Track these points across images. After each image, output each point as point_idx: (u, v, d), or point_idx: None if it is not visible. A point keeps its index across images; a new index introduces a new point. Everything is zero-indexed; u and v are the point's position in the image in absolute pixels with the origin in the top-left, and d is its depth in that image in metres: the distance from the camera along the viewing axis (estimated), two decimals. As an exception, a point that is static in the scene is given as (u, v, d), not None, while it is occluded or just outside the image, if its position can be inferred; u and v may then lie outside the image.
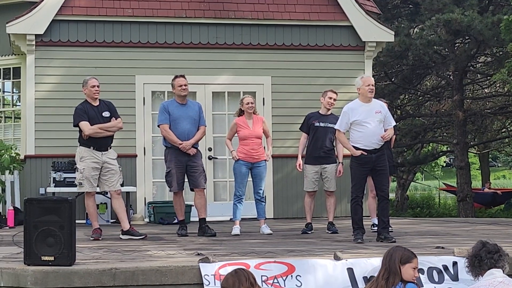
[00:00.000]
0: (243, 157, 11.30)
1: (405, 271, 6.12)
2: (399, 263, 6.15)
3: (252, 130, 11.34)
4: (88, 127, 10.33)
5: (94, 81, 10.56)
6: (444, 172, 60.07)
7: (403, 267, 6.11)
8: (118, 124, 10.62)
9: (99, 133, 10.38)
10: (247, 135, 11.31)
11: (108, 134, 10.48)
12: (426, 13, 22.79)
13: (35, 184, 14.14)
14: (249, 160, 11.31)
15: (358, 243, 9.45)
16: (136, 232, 10.45)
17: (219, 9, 14.88)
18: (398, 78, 26.00)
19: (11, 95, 16.85)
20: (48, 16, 14.20)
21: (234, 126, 11.46)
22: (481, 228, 12.66)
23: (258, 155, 11.37)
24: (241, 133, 11.37)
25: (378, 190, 9.95)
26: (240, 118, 11.43)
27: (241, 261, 7.20)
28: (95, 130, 10.35)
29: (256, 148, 11.34)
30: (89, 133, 10.31)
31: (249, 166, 11.34)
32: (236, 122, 11.42)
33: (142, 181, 14.57)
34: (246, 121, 11.38)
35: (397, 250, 6.29)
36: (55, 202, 7.23)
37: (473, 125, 28.10)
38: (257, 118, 11.51)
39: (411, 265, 6.17)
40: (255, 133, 11.35)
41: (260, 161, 11.39)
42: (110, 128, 10.51)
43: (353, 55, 15.38)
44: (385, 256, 6.28)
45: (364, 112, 9.69)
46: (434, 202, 33.08)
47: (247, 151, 11.30)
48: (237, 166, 11.38)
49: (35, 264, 6.96)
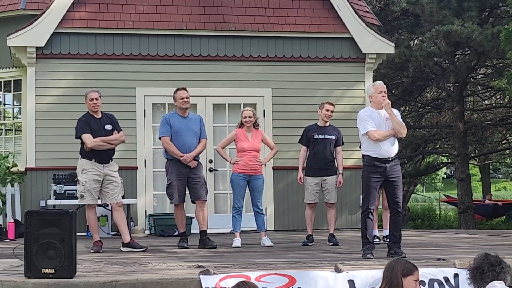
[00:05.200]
0: (241, 169, 11.31)
1: (407, 284, 6.10)
2: (401, 275, 6.12)
3: (251, 143, 11.36)
4: (91, 140, 10.32)
5: (92, 94, 10.53)
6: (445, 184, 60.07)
7: (405, 279, 6.09)
8: (120, 138, 10.62)
9: (101, 146, 10.37)
10: (245, 147, 11.33)
11: (110, 147, 10.48)
12: (426, 25, 22.82)
13: (36, 197, 14.13)
14: (246, 173, 11.32)
15: (367, 258, 8.96)
16: (136, 245, 10.43)
17: (220, 21, 14.92)
18: (399, 89, 26.03)
19: (12, 108, 16.85)
20: (48, 28, 14.23)
21: (233, 137, 11.49)
22: (482, 239, 12.64)
23: (256, 167, 11.37)
24: (239, 145, 11.39)
25: (390, 202, 9.49)
26: (240, 130, 11.45)
27: (242, 273, 7.19)
28: (97, 142, 10.34)
29: (254, 160, 11.35)
30: (91, 145, 10.31)
31: (247, 178, 11.35)
32: (236, 133, 11.44)
33: (143, 193, 14.56)
34: (246, 134, 11.39)
35: (399, 262, 6.27)
36: (56, 214, 7.24)
37: (473, 137, 28.10)
38: (257, 132, 11.52)
39: (413, 277, 6.14)
40: (253, 146, 11.37)
41: (258, 175, 11.41)
42: (113, 141, 10.51)
43: (353, 67, 15.40)
44: (387, 268, 6.25)
45: (377, 119, 9.38)
46: (435, 213, 33.04)
47: (244, 163, 11.31)
48: (234, 178, 11.39)
49: (35, 277, 6.95)
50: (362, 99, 14.93)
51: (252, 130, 11.42)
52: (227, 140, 11.72)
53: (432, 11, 22.19)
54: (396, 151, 9.45)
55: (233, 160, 11.45)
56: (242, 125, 11.48)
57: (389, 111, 9.38)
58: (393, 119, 9.35)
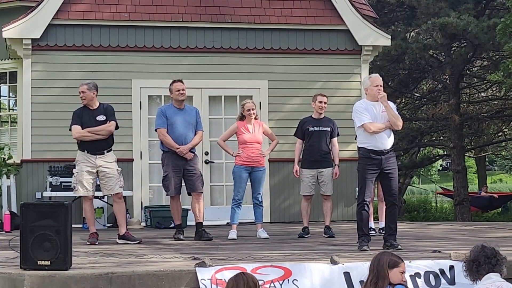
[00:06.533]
0: (243, 161, 11.30)
1: (393, 275, 6.13)
2: (387, 268, 6.15)
3: (253, 135, 11.36)
4: (76, 131, 10.33)
5: (80, 87, 10.50)
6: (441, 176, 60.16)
7: (391, 271, 6.12)
8: (107, 128, 10.43)
9: (86, 137, 10.32)
10: (247, 139, 11.32)
11: (97, 137, 10.35)
12: (422, 17, 22.81)
13: (32, 189, 14.12)
14: (249, 165, 11.31)
15: (363, 250, 8.97)
16: (131, 237, 10.42)
17: (216, 13, 14.89)
18: (395, 82, 26.01)
19: (7, 99, 16.82)
20: (44, 20, 14.19)
21: (234, 129, 11.47)
22: (478, 232, 12.66)
23: (258, 159, 11.37)
24: (241, 137, 11.38)
25: (386, 194, 9.49)
26: (241, 122, 11.43)
27: (238, 265, 7.19)
28: (81, 133, 10.32)
29: (256, 152, 11.35)
30: (75, 136, 10.35)
31: (249, 170, 11.34)
32: (238, 126, 11.43)
33: (139, 185, 14.55)
34: (247, 126, 11.39)
35: (385, 255, 6.29)
36: (52, 206, 7.23)
37: (469, 129, 28.11)
38: (258, 123, 11.52)
39: (399, 269, 6.17)
40: (255, 138, 11.37)
41: (260, 166, 11.40)
42: (99, 132, 10.37)
43: (349, 59, 15.38)
44: (373, 261, 6.27)
45: (373, 112, 9.38)
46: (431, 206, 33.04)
47: (247, 155, 11.30)
48: (236, 170, 11.38)
49: (31, 269, 6.95)
50: (358, 91, 14.92)
51: (252, 122, 11.42)
52: (228, 133, 11.71)
53: (428, 3, 22.21)
54: (392, 143, 9.43)
55: (235, 153, 11.44)
56: (243, 118, 11.46)
57: (384, 104, 9.38)
58: (389, 111, 9.35)
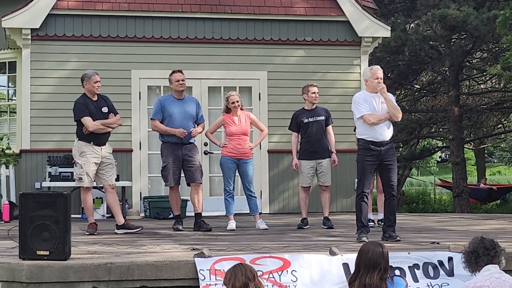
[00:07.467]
0: (229, 152, 11.30)
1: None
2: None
3: (239, 127, 11.34)
4: (92, 123, 10.29)
5: (97, 76, 10.50)
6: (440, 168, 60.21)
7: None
8: (118, 121, 10.64)
9: (101, 129, 10.38)
10: (233, 131, 11.30)
11: (109, 130, 10.51)
12: (422, 9, 22.79)
13: (31, 179, 14.12)
14: (235, 156, 11.30)
15: (361, 242, 8.78)
16: (131, 226, 10.45)
17: (215, 3, 14.86)
18: (394, 73, 25.99)
19: (6, 90, 16.80)
20: (43, 10, 14.17)
21: (221, 122, 11.48)
22: (476, 223, 12.67)
23: (245, 151, 11.36)
24: (227, 129, 11.38)
25: (385, 186, 9.48)
26: (227, 115, 11.42)
27: (237, 256, 7.20)
28: (98, 126, 10.33)
29: (243, 144, 11.34)
30: (93, 129, 10.29)
31: (236, 162, 11.33)
32: (224, 118, 11.42)
33: (138, 175, 14.55)
34: (233, 118, 11.37)
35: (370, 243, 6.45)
36: (51, 196, 7.23)
37: (469, 121, 28.12)
38: (244, 114, 11.50)
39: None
40: (242, 130, 11.35)
41: (247, 158, 11.39)
42: (112, 125, 10.53)
43: (349, 50, 15.36)
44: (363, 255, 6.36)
45: (372, 103, 9.35)
46: (430, 197, 33.07)
47: (233, 147, 11.29)
48: (224, 162, 11.38)
49: (30, 259, 6.96)
50: (358, 82, 14.91)
51: (238, 113, 11.40)
52: (215, 125, 11.72)
53: (428, -6, 22.17)
54: (391, 134, 9.42)
55: (222, 144, 11.44)
56: (228, 110, 11.44)
57: (384, 95, 9.37)
58: (388, 103, 9.34)
